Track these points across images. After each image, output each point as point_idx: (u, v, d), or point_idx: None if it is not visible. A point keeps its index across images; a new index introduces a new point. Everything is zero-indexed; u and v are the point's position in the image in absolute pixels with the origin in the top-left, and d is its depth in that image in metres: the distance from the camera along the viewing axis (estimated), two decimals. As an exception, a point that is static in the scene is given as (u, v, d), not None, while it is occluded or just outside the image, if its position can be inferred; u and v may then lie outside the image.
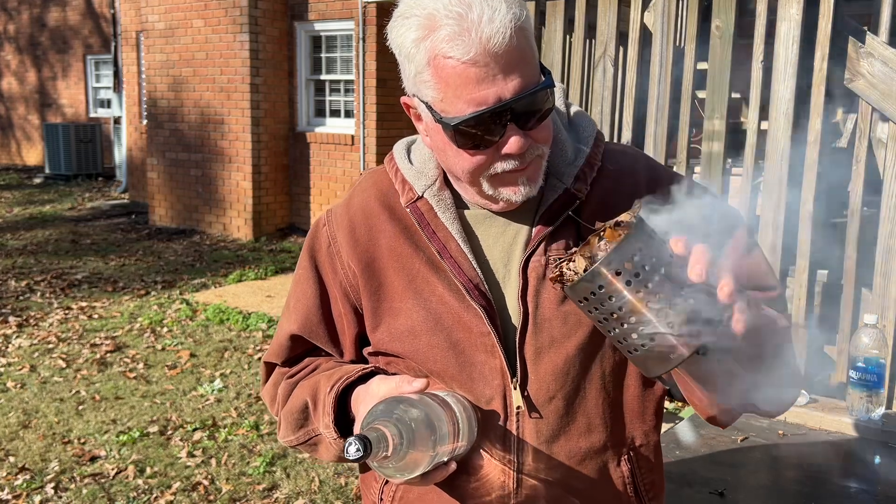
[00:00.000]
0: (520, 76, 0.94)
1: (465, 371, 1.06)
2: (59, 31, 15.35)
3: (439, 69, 0.94)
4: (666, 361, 0.86)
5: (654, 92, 3.33)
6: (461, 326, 1.06)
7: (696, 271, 0.80)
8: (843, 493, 1.76)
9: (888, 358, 2.62)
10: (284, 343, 1.20)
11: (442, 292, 1.07)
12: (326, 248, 1.16)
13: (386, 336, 1.10)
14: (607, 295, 0.83)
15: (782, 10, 2.98)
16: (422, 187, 1.10)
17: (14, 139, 16.80)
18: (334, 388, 1.06)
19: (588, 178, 1.09)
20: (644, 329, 0.84)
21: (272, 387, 1.22)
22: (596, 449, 1.09)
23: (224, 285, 7.05)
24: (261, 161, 9.20)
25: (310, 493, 3.38)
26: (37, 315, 6.01)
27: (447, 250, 1.07)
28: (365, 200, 1.15)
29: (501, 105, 0.94)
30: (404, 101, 1.05)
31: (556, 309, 1.05)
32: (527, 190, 1.02)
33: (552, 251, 1.06)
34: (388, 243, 1.10)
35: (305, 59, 9.33)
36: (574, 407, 1.07)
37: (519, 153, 0.98)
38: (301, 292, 1.18)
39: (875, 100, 2.85)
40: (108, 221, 10.37)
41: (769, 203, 3.07)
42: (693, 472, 1.78)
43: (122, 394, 4.48)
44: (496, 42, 0.91)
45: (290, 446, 1.19)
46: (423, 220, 1.09)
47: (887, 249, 2.82)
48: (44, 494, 3.35)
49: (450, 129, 0.97)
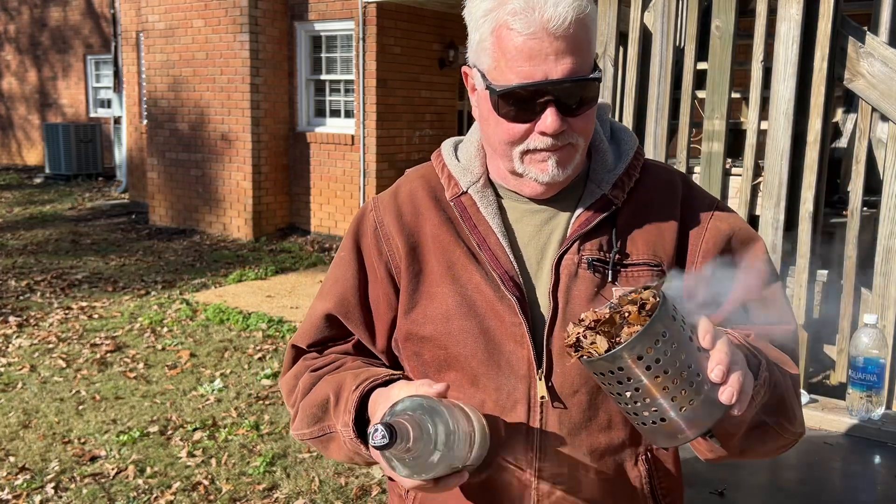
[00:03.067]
0: (571, 62, 0.99)
1: (493, 358, 1.09)
2: (60, 31, 15.35)
3: (500, 38, 1.01)
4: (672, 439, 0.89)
5: (654, 92, 3.33)
6: (494, 314, 1.09)
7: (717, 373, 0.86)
8: (843, 493, 1.76)
9: (888, 358, 2.62)
10: (317, 323, 1.21)
11: (479, 281, 1.11)
12: (373, 231, 1.19)
13: (420, 317, 1.13)
14: (626, 376, 0.86)
15: (782, 10, 2.98)
16: (467, 183, 1.16)
17: (14, 139, 16.81)
18: (360, 387, 1.08)
19: (626, 186, 1.14)
20: (656, 410, 0.87)
21: (293, 378, 1.22)
22: (615, 446, 1.11)
23: (224, 285, 7.05)
24: (261, 161, 9.20)
25: (310, 492, 3.38)
26: (37, 315, 6.01)
27: (486, 243, 1.12)
28: (412, 189, 1.20)
29: (546, 82, 0.99)
30: (464, 69, 1.11)
31: (585, 306, 1.07)
32: (555, 172, 1.06)
33: (585, 251, 1.10)
34: (432, 230, 1.15)
35: (305, 59, 9.33)
36: (596, 403, 1.09)
37: (553, 134, 1.02)
38: (340, 274, 1.21)
39: (875, 100, 2.85)
40: (109, 221, 10.37)
41: (769, 203, 3.07)
42: (693, 472, 1.78)
43: (123, 394, 4.48)
44: (555, 24, 0.98)
45: (302, 440, 1.19)
46: (465, 214, 1.14)
47: (887, 249, 2.82)
48: (44, 494, 3.35)
49: (495, 96, 1.02)
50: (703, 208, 1.15)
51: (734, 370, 0.87)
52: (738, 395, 0.86)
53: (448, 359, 1.11)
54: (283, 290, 6.88)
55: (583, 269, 1.09)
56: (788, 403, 1.04)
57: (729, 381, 0.87)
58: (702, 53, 3.37)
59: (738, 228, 1.15)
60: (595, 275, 1.09)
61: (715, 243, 1.12)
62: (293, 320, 5.90)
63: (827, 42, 2.91)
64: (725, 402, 0.86)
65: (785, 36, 2.98)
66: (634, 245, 1.11)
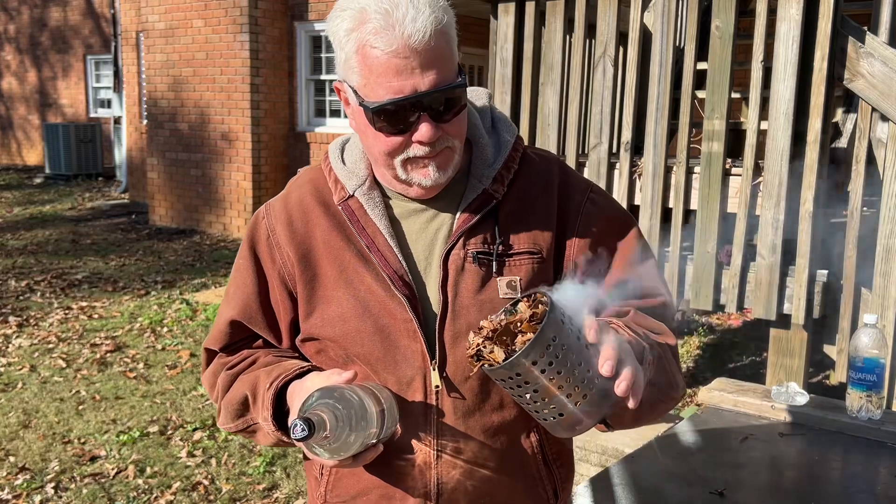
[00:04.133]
0: (436, 72, 1.05)
1: (389, 353, 1.16)
2: (60, 31, 15.36)
3: (365, 57, 1.05)
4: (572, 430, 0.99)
5: (653, 92, 3.33)
6: (386, 313, 1.16)
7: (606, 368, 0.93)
8: (843, 493, 1.76)
9: (888, 358, 2.62)
10: (224, 329, 1.27)
11: (370, 282, 1.16)
12: (265, 239, 1.24)
13: (319, 321, 1.19)
14: (524, 380, 0.94)
15: (782, 10, 2.98)
16: (353, 186, 1.20)
17: (14, 139, 16.81)
18: (273, 385, 1.15)
19: (505, 180, 1.20)
20: (554, 407, 0.96)
21: (212, 375, 1.29)
22: (507, 423, 1.19)
23: (224, 285, 7.05)
24: (261, 161, 9.21)
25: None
26: (37, 315, 6.01)
27: (375, 244, 1.17)
28: (301, 196, 1.24)
29: (416, 95, 1.04)
30: (336, 85, 1.15)
31: (472, 298, 1.15)
32: (436, 176, 1.12)
33: (470, 245, 1.16)
34: (322, 236, 1.20)
35: (305, 59, 9.34)
36: (488, 387, 1.17)
37: (429, 142, 1.08)
38: (241, 281, 1.26)
39: (875, 100, 2.86)
40: (109, 221, 10.37)
41: (769, 203, 3.08)
42: (693, 472, 1.78)
43: (123, 394, 4.48)
44: (416, 39, 1.02)
45: (230, 432, 1.29)
46: (353, 217, 1.19)
47: (887, 249, 2.82)
48: (44, 494, 3.35)
49: (369, 112, 1.07)
50: (578, 193, 1.23)
51: (625, 363, 0.95)
52: (631, 388, 0.94)
53: (349, 356, 1.18)
54: (283, 290, 6.88)
55: (469, 262, 1.16)
56: (671, 374, 1.13)
57: (622, 375, 0.94)
58: (702, 53, 3.37)
59: (610, 209, 1.24)
60: (480, 268, 1.16)
61: (589, 226, 1.20)
62: (293, 320, 5.90)
63: (827, 42, 2.91)
64: (621, 395, 0.94)
65: (785, 36, 2.98)
66: (516, 236, 1.18)
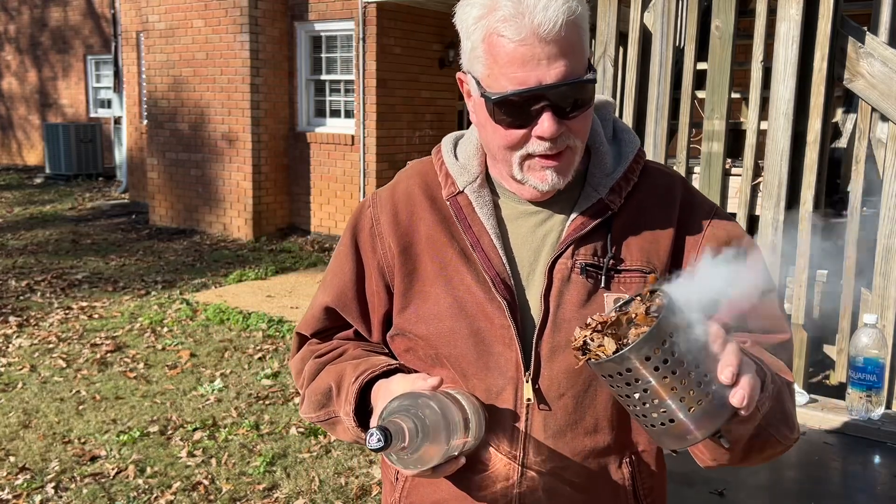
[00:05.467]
0: (564, 65, 0.99)
1: (482, 359, 1.10)
2: (60, 31, 15.35)
3: (491, 46, 1.00)
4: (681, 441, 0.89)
5: (653, 92, 3.33)
6: (483, 316, 1.10)
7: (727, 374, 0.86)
8: (843, 493, 1.76)
9: (888, 358, 2.62)
10: (318, 315, 1.25)
11: (470, 283, 1.12)
12: (369, 228, 1.21)
13: (413, 317, 1.15)
14: (634, 378, 0.85)
15: (782, 10, 2.98)
16: (463, 182, 1.16)
17: (14, 139, 16.80)
18: (359, 380, 1.11)
19: (623, 191, 1.13)
20: (665, 411, 0.87)
21: (300, 361, 1.27)
22: (600, 449, 1.12)
23: (224, 285, 7.05)
24: (261, 161, 9.20)
25: (310, 492, 3.38)
26: (37, 315, 6.01)
27: (479, 244, 1.13)
28: (409, 187, 1.21)
29: (540, 88, 0.99)
30: (459, 76, 1.11)
31: (576, 311, 1.08)
32: (554, 181, 1.07)
33: (579, 256, 1.10)
34: (426, 231, 1.16)
35: (305, 59, 9.33)
36: (583, 406, 1.10)
37: (551, 138, 1.02)
38: (339, 268, 1.23)
39: (875, 100, 2.85)
40: (109, 221, 10.37)
41: (769, 203, 3.07)
42: (693, 472, 1.78)
43: (123, 394, 4.48)
44: (546, 29, 0.97)
45: (311, 422, 1.25)
46: (460, 214, 1.15)
47: (887, 249, 2.82)
48: (44, 494, 3.35)
49: (490, 104, 1.02)
50: (702, 215, 1.15)
51: (745, 373, 0.87)
52: (748, 398, 0.86)
53: (439, 357, 1.13)
54: (283, 290, 6.88)
55: (576, 273, 1.09)
56: (788, 412, 1.05)
57: (740, 384, 0.87)
58: (702, 53, 3.37)
59: (735, 236, 1.15)
60: (588, 280, 1.09)
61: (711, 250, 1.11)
62: (293, 320, 5.90)
63: (827, 42, 2.91)
64: (737, 404, 0.86)
65: (785, 36, 2.98)
66: (629, 251, 1.11)
